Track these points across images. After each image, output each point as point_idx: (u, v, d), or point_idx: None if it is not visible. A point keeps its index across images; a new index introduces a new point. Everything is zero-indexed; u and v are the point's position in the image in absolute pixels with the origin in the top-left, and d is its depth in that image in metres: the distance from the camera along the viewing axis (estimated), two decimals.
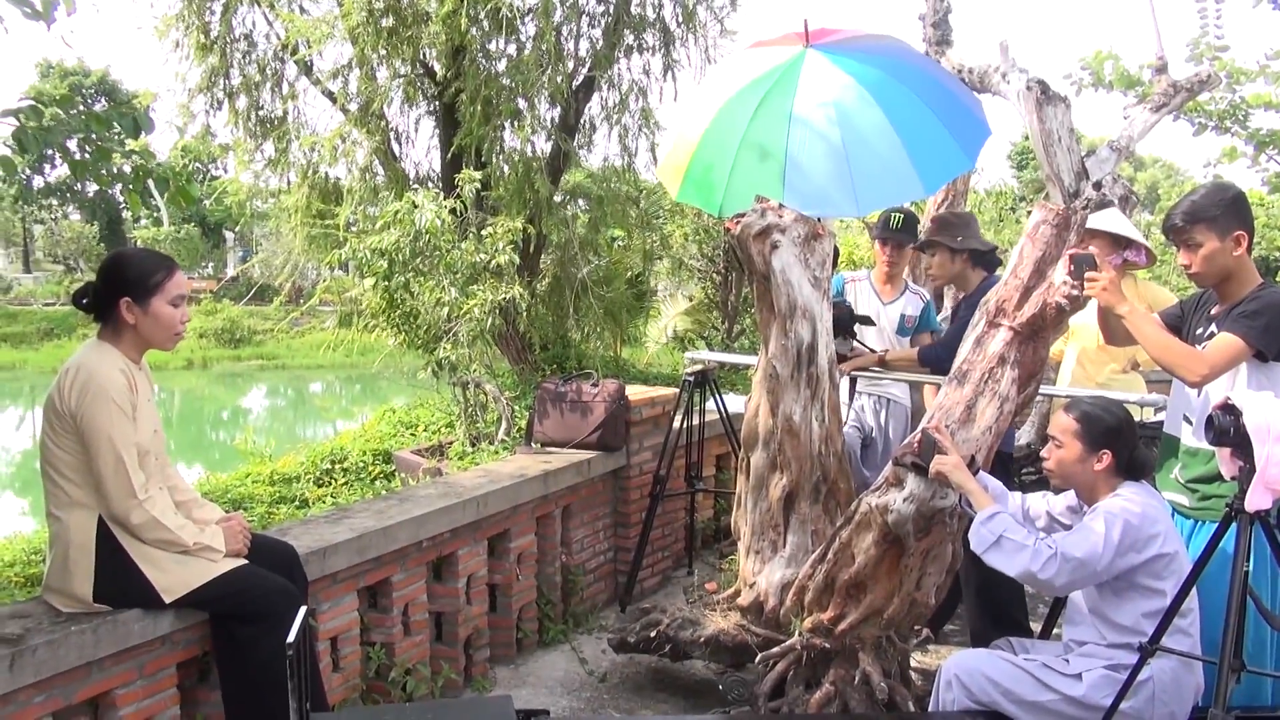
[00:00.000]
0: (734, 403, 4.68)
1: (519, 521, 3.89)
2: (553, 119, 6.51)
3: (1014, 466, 4.08)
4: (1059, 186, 4.98)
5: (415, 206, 4.69)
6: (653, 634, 3.51)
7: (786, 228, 3.29)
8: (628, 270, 7.86)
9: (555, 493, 4.07)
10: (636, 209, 7.53)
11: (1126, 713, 2.50)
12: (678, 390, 4.55)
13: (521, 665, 3.88)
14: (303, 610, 2.28)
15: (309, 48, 6.24)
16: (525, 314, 5.61)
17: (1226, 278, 2.85)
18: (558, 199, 6.84)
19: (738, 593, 3.54)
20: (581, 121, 6.72)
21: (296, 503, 4.69)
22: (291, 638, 2.14)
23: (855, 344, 4.09)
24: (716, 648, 3.46)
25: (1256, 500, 2.20)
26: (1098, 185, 4.41)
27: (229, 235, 34.02)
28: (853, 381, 4.27)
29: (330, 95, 6.64)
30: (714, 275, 9.58)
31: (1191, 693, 2.60)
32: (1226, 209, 2.82)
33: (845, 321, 3.95)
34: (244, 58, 6.58)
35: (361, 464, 5.11)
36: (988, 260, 3.95)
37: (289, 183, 6.91)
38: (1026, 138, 5.14)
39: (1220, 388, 2.71)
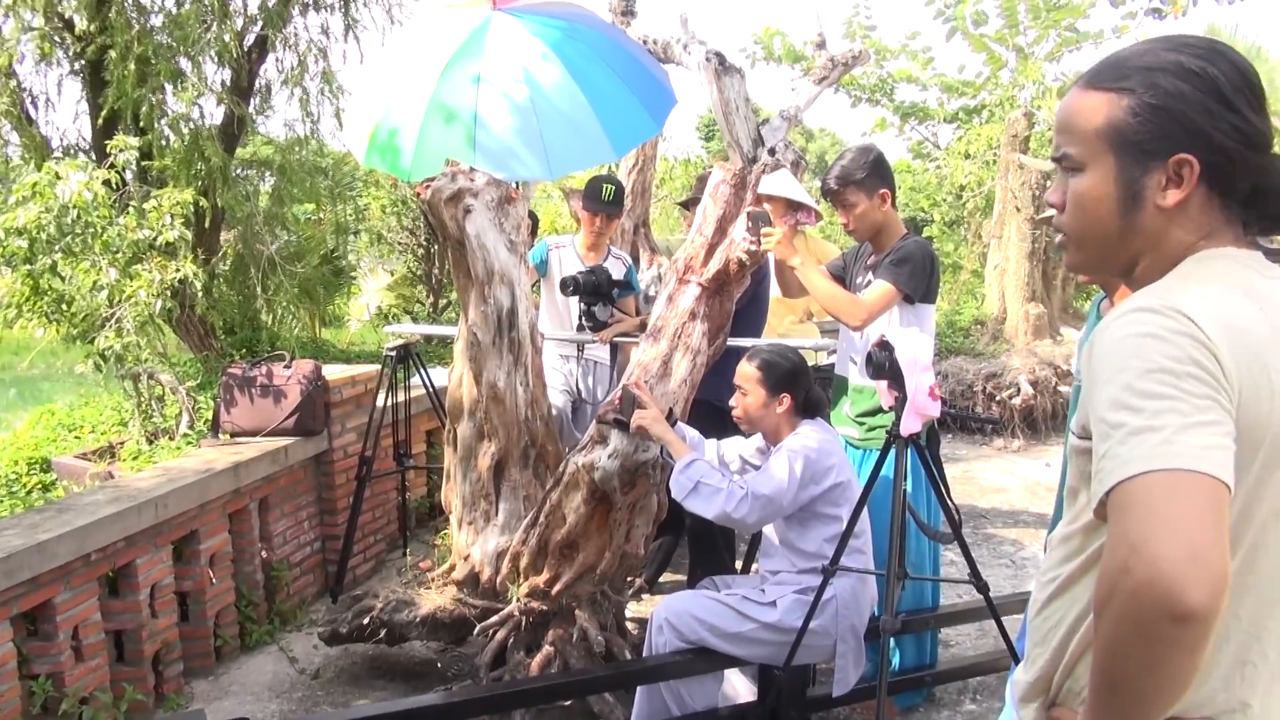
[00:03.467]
0: (440, 376, 4.57)
1: (209, 520, 3.57)
2: (223, 81, 5.95)
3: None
4: (739, 152, 5.28)
5: (59, 178, 4.10)
6: (366, 621, 3.36)
7: (479, 191, 3.22)
8: (322, 245, 7.42)
9: (249, 485, 3.77)
10: (327, 179, 7.11)
11: (816, 630, 2.73)
12: (380, 367, 4.37)
13: (223, 674, 3.58)
14: None
15: None
16: (204, 295, 5.11)
17: (877, 231, 3.17)
18: (236, 170, 6.29)
19: (453, 567, 3.47)
20: (257, 85, 6.21)
21: None
22: None
23: (614, 310, 4.10)
24: (434, 626, 3.38)
25: (909, 425, 2.47)
26: (772, 151, 4.72)
27: None
28: (579, 347, 4.31)
29: None
30: (416, 248, 9.30)
31: (868, 604, 2.88)
32: (871, 170, 3.13)
33: (604, 288, 3.94)
34: None
35: (12, 475, 4.44)
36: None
37: None
38: (711, 110, 5.41)
39: (878, 329, 3.00)
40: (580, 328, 4.01)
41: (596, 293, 3.89)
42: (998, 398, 7.45)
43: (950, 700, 3.39)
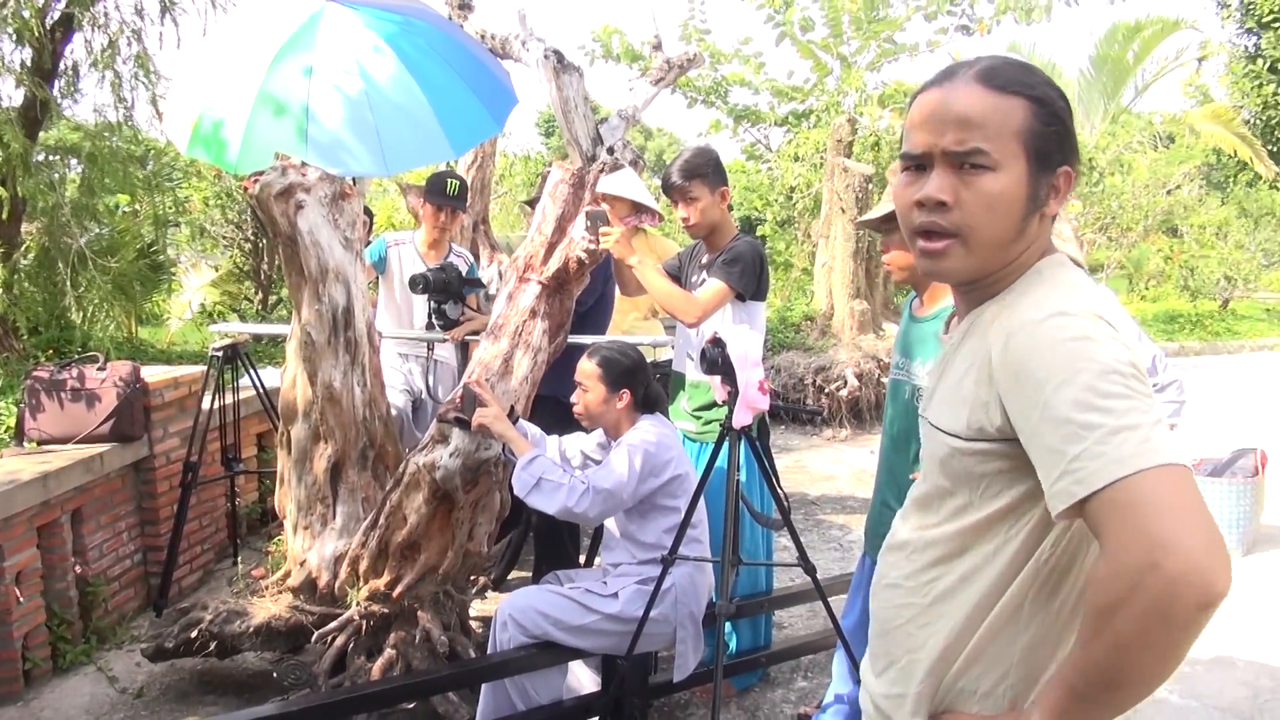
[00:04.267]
0: (272, 377, 4.41)
1: (14, 536, 3.31)
2: (23, 61, 5.52)
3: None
4: (578, 150, 5.33)
5: None
6: (194, 634, 3.21)
7: (311, 187, 3.14)
8: (138, 239, 6.98)
9: (60, 496, 3.53)
10: (143, 170, 6.70)
11: (656, 618, 2.82)
12: (205, 368, 4.17)
13: (33, 700, 3.34)
14: None
15: None
16: (4, 291, 4.73)
17: (713, 229, 3.29)
18: (39, 157, 5.83)
19: (288, 574, 3.36)
20: (62, 66, 5.78)
21: None
22: None
23: (466, 308, 4.03)
24: (270, 635, 3.26)
25: (741, 418, 2.59)
26: (611, 150, 4.80)
27: None
28: (429, 346, 4.24)
29: None
30: (243, 243, 8.88)
31: (706, 591, 2.99)
32: (714, 167, 3.25)
33: (454, 285, 3.86)
34: None
35: None
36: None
37: None
38: (550, 107, 5.43)
39: (712, 326, 3.12)
40: (430, 326, 3.95)
41: (447, 290, 3.84)
42: (826, 390, 7.83)
43: (784, 679, 3.57)
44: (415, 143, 2.90)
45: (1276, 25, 18.18)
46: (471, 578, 3.44)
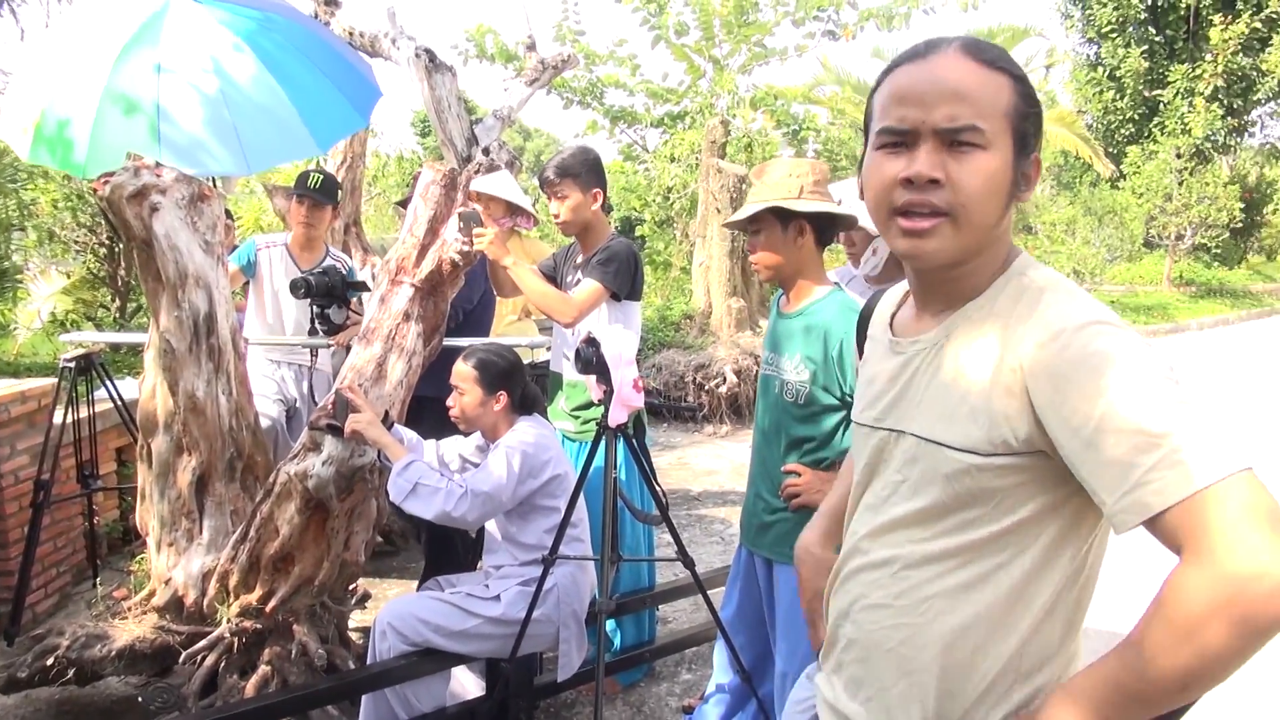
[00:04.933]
0: (130, 388, 4.20)
1: None
2: None
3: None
4: (453, 151, 5.28)
5: None
6: (50, 661, 3.03)
7: (167, 188, 3.00)
8: None
9: None
10: None
11: (539, 619, 2.82)
12: (56, 380, 3.94)
13: None
14: None
15: None
16: None
17: (587, 229, 3.31)
18: None
19: (153, 593, 3.21)
20: None
21: None
22: None
23: (351, 313, 3.89)
24: (134, 659, 3.11)
25: (616, 417, 2.61)
26: (486, 151, 4.77)
27: None
28: (313, 353, 4.10)
29: None
30: (97, 247, 8.40)
31: (588, 589, 3.01)
32: (588, 168, 3.27)
33: (338, 289, 3.72)
34: None
35: None
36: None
37: None
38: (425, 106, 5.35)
39: (587, 326, 3.14)
40: (312, 331, 3.82)
41: (330, 294, 3.71)
42: (706, 387, 7.96)
43: (669, 673, 3.62)
44: (277, 140, 2.82)
45: (1114, 35, 19.49)
46: (349, 588, 3.37)
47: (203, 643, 2.99)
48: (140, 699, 3.21)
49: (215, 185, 3.56)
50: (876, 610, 1.23)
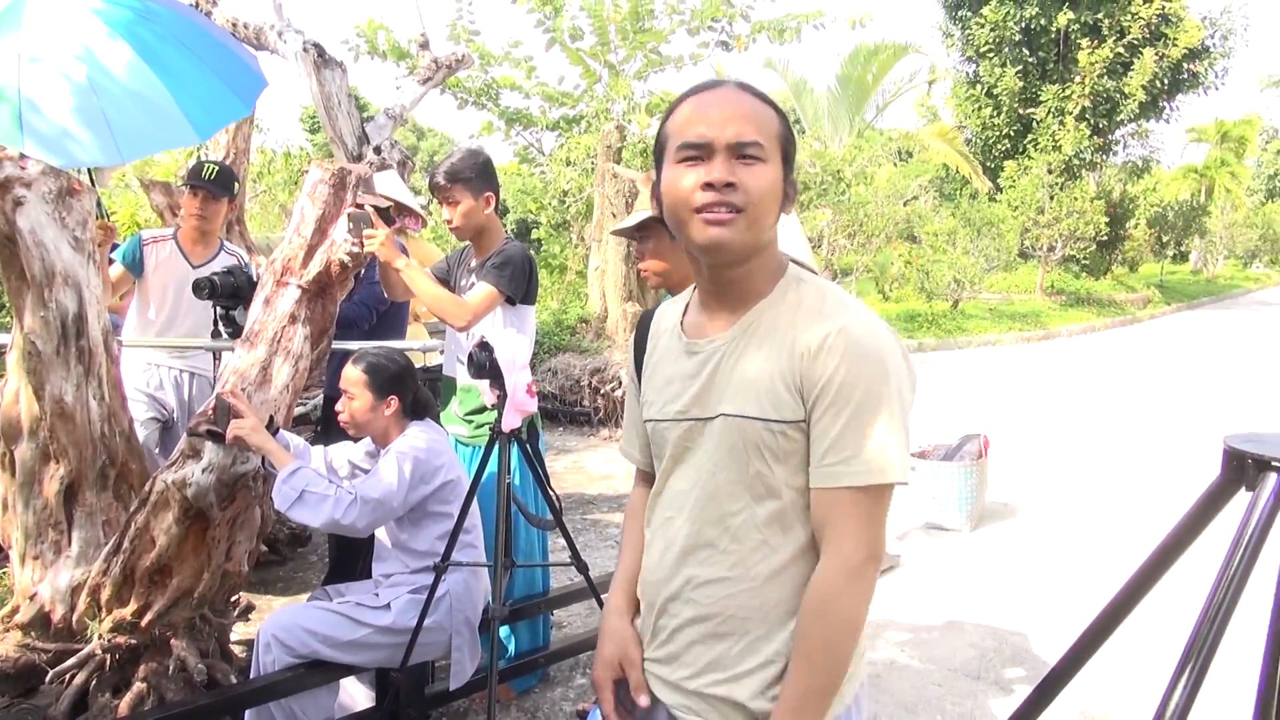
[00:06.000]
0: None
1: None
2: None
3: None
4: (343, 149, 5.15)
5: None
6: None
7: (33, 181, 2.84)
8: None
9: None
10: None
11: (430, 626, 2.78)
12: None
13: None
14: None
15: None
16: None
17: (480, 232, 3.28)
18: None
19: (16, 609, 3.03)
20: None
21: None
22: None
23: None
24: None
25: (510, 421, 2.60)
26: (378, 149, 4.67)
27: None
28: (216, 356, 3.91)
29: None
30: None
31: (481, 596, 2.99)
32: (479, 172, 3.23)
33: (244, 290, 3.53)
34: None
35: None
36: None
37: None
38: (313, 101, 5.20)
39: (482, 330, 3.12)
40: (215, 334, 3.65)
41: (236, 295, 3.54)
42: (602, 391, 7.99)
43: (563, 677, 3.61)
44: (151, 127, 2.69)
45: (991, 55, 20.42)
46: (231, 599, 3.25)
47: (72, 660, 2.84)
48: None
49: (91, 180, 3.39)
50: (713, 585, 1.43)
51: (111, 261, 3.94)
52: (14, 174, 2.81)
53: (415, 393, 2.93)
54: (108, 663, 2.87)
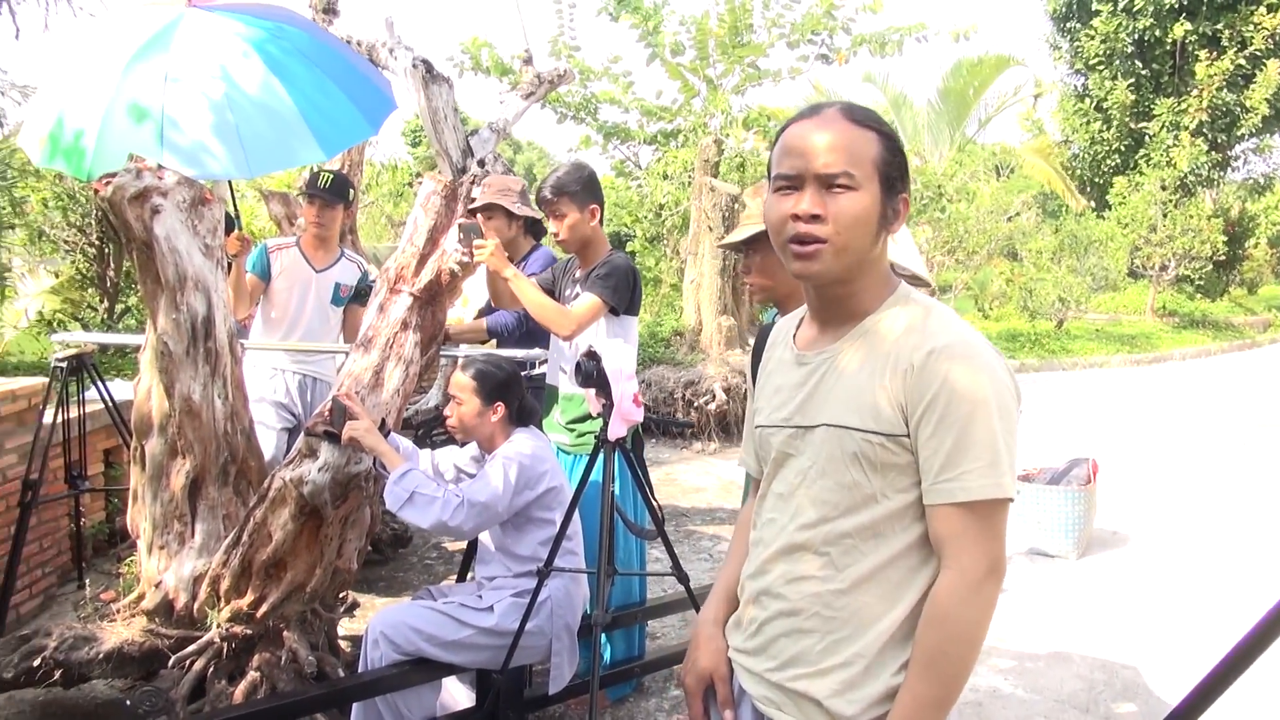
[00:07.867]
0: (121, 389, 4.18)
1: None
2: None
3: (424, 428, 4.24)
4: (448, 161, 5.30)
5: None
6: (36, 663, 3.00)
7: (169, 190, 3.01)
8: None
9: None
10: None
11: (532, 630, 2.82)
12: (47, 380, 3.92)
13: None
14: None
15: None
16: None
17: (585, 245, 3.33)
18: None
19: (142, 596, 3.19)
20: None
21: None
22: None
23: None
24: (121, 661, 3.08)
25: (615, 430, 2.63)
26: (481, 162, 4.79)
27: None
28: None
29: None
30: (87, 247, 8.36)
31: (581, 602, 3.02)
32: (584, 185, 3.29)
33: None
34: None
35: None
36: (537, 229, 4.02)
37: None
38: (418, 116, 5.36)
39: (586, 340, 3.16)
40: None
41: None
42: (695, 404, 7.98)
43: (657, 688, 3.62)
44: (280, 144, 2.82)
45: (1101, 68, 19.73)
46: (340, 595, 3.35)
47: (192, 647, 2.97)
48: (127, 702, 3.18)
49: (232, 195, 3.55)
50: (802, 583, 1.45)
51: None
52: (152, 184, 2.98)
53: (521, 400, 2.99)
54: (225, 651, 2.99)
